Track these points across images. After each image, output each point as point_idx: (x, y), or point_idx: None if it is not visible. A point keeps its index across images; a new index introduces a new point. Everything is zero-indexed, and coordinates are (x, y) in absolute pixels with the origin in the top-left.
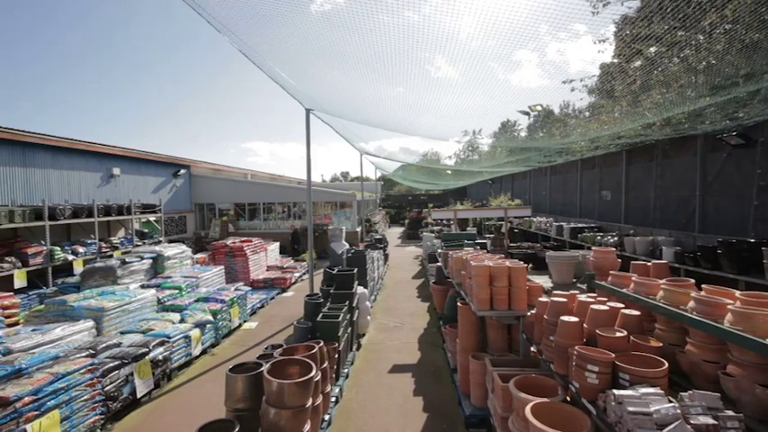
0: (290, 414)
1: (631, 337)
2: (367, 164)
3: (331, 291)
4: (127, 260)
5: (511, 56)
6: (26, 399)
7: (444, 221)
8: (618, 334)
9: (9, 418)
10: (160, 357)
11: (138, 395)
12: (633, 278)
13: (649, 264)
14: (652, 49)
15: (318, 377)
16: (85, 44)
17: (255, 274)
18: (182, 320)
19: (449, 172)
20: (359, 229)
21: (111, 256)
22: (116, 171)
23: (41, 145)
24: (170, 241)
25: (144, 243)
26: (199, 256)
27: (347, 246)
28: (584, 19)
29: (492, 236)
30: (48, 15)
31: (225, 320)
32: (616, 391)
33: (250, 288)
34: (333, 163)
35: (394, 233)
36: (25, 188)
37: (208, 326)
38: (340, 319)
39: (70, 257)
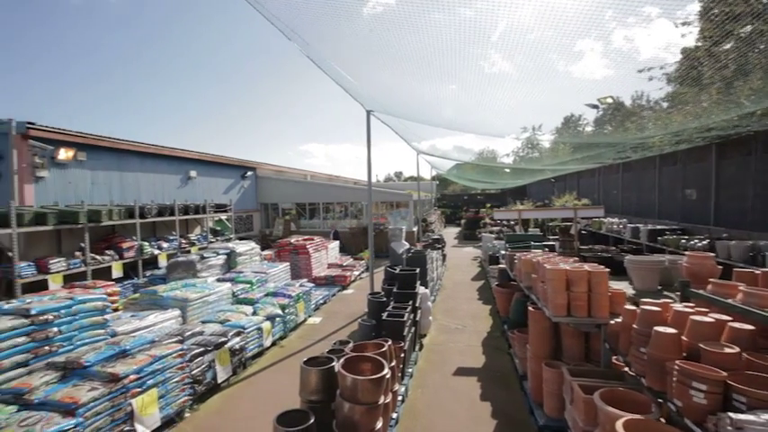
0: (363, 410)
1: (744, 354)
2: (422, 163)
3: (393, 290)
4: (205, 255)
5: (572, 46)
6: (132, 376)
7: (505, 222)
8: (728, 350)
9: (119, 392)
10: (237, 347)
11: (219, 380)
12: (741, 288)
13: (758, 272)
14: (747, 28)
15: (389, 375)
16: (162, 61)
17: (317, 272)
18: (254, 313)
19: (507, 170)
20: (415, 229)
21: (189, 252)
22: (193, 174)
23: (133, 151)
24: (239, 239)
25: (216, 240)
26: (266, 252)
27: (407, 245)
28: (657, 1)
29: (559, 238)
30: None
31: (292, 315)
32: (733, 415)
33: (313, 284)
34: (385, 163)
35: (450, 233)
36: (120, 190)
37: (277, 319)
38: (405, 318)
39: (156, 252)
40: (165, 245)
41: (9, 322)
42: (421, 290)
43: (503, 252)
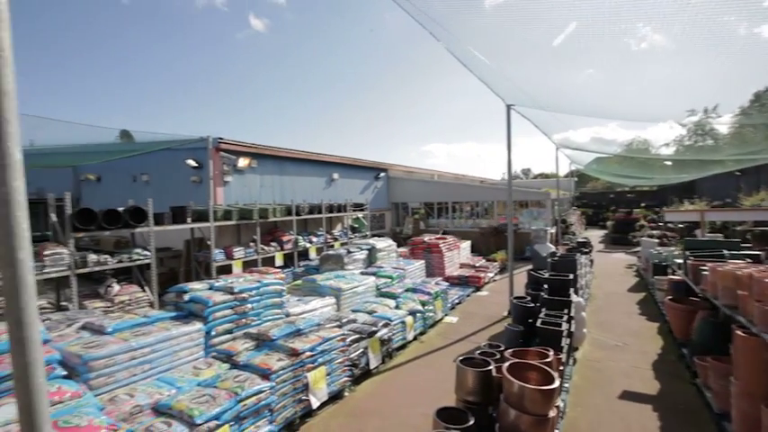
0: (532, 420)
1: None
2: (556, 158)
3: (543, 295)
4: (351, 250)
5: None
6: (307, 353)
7: (671, 224)
8: None
9: (298, 365)
10: (385, 337)
11: (371, 366)
12: None
13: None
14: None
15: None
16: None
17: (449, 271)
18: (396, 307)
19: (668, 163)
20: (553, 231)
21: (332, 246)
22: (335, 176)
23: (290, 158)
24: (373, 236)
25: (354, 237)
26: (401, 249)
27: (552, 248)
28: None
29: (754, 246)
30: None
31: (430, 312)
32: None
33: (447, 284)
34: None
35: (593, 236)
36: (280, 191)
37: (418, 314)
38: (562, 327)
39: (307, 245)
40: (314, 239)
41: (221, 297)
42: (574, 298)
43: (677, 261)
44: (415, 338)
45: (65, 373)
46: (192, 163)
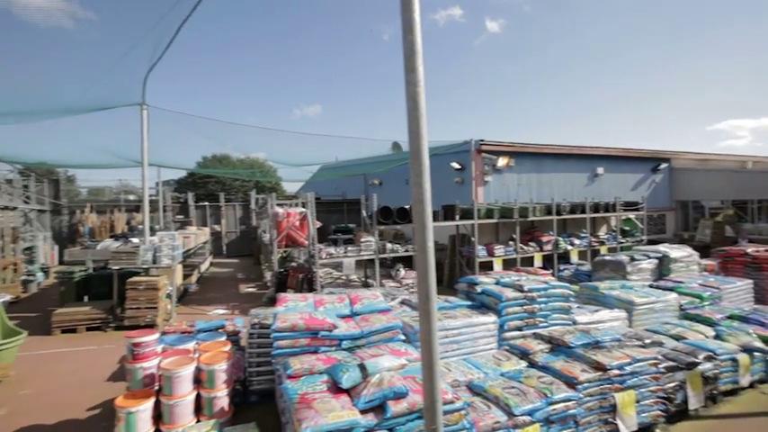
0: None
1: None
2: None
3: None
4: (635, 257)
5: None
6: (615, 371)
7: None
8: None
9: (604, 382)
10: (709, 374)
11: (690, 407)
12: None
13: None
14: None
15: None
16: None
17: None
18: (717, 337)
19: None
20: None
21: (598, 251)
22: (599, 170)
23: (548, 154)
24: (649, 242)
25: (626, 241)
26: (707, 262)
27: None
28: None
29: None
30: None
31: None
32: None
33: None
34: None
35: None
36: (537, 189)
37: (756, 354)
38: None
39: (568, 247)
40: (576, 241)
41: (512, 293)
42: None
43: None
44: (751, 385)
45: (403, 337)
46: (456, 165)
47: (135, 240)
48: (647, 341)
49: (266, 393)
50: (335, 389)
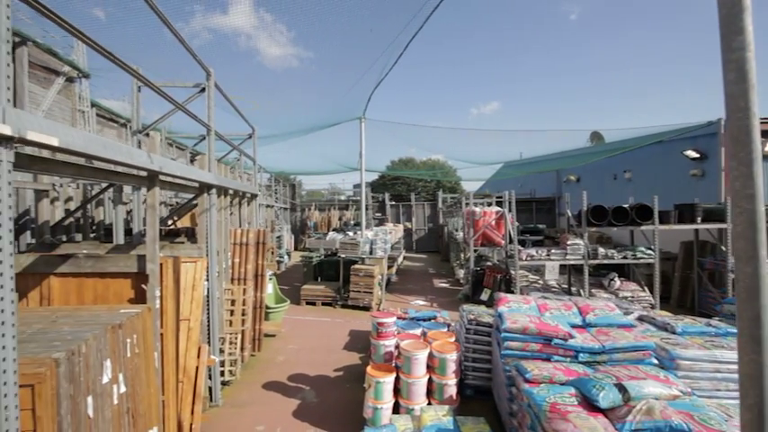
0: None
1: None
2: None
3: None
4: None
5: None
6: None
7: None
8: None
9: None
10: None
11: None
12: None
13: None
14: None
15: None
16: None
17: None
18: None
19: None
20: None
21: None
22: None
23: None
24: None
25: None
26: None
27: None
28: None
29: None
30: None
31: None
32: None
33: None
34: None
35: None
36: None
37: None
38: None
39: None
40: None
41: None
42: None
43: None
44: None
45: (656, 361)
46: (692, 154)
47: (350, 234)
48: None
49: (481, 390)
50: (588, 405)
